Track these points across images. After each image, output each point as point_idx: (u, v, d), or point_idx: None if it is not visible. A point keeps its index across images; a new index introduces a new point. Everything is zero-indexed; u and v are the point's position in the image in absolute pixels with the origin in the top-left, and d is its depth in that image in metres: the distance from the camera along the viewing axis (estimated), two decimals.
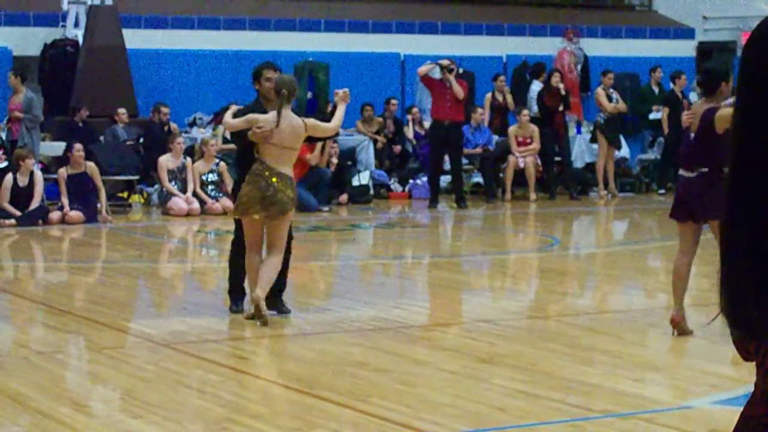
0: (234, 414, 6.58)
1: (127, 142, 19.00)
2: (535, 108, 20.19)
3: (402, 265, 13.21)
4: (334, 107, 9.82)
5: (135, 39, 20.38)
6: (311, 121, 9.56)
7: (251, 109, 9.52)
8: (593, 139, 20.36)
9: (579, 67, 22.58)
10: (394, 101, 21.11)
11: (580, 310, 10.45)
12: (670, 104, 19.95)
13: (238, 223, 9.39)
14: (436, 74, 18.30)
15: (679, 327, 8.40)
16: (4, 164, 16.99)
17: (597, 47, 23.01)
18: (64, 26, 20.79)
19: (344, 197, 18.95)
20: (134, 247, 14.72)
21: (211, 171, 17.73)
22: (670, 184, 19.33)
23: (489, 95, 20.87)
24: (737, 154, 1.88)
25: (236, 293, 9.59)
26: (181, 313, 9.98)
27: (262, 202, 9.00)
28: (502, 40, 23.67)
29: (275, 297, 9.38)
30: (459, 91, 18.02)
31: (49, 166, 18.24)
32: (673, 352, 8.36)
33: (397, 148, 20.76)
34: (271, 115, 9.15)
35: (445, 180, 20.00)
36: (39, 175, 16.45)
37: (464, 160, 19.43)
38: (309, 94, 21.58)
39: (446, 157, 19.90)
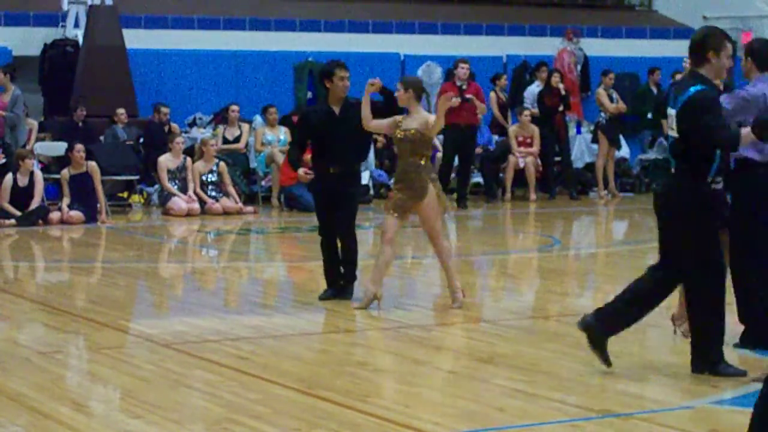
0: (234, 414, 6.58)
1: (127, 142, 19.01)
2: (530, 106, 20.20)
3: (402, 265, 13.20)
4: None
5: (135, 39, 20.38)
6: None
7: (321, 109, 10.16)
8: (594, 139, 20.36)
9: (579, 67, 22.58)
10: None
11: (580, 310, 10.40)
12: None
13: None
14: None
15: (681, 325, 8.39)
16: (2, 161, 16.99)
17: (597, 47, 22.99)
18: (64, 26, 20.79)
19: None
20: (134, 247, 14.72)
21: (211, 171, 17.74)
22: None
23: (493, 95, 20.86)
24: None
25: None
26: (181, 313, 9.98)
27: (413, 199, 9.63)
28: (501, 40, 23.67)
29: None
30: (483, 107, 18.88)
31: (50, 166, 18.24)
32: (673, 352, 8.35)
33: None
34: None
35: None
36: (39, 175, 16.45)
37: None
38: (309, 94, 21.59)
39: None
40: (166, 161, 17.46)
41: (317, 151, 10.40)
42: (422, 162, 9.68)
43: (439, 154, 20.44)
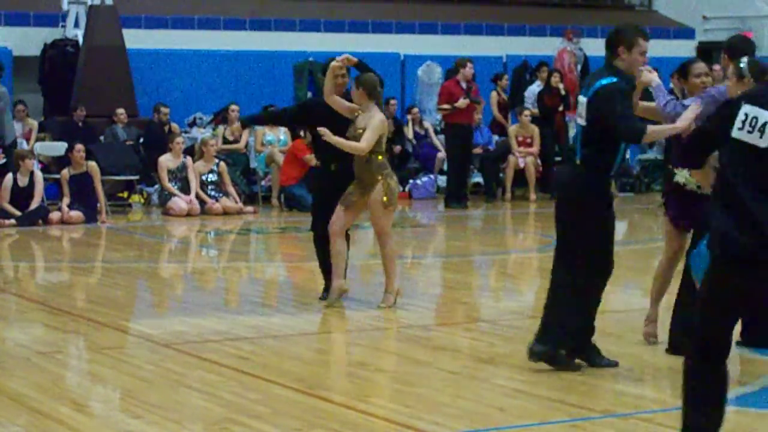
0: (234, 414, 6.58)
1: (127, 142, 19.01)
2: (530, 106, 20.22)
3: (402, 265, 13.20)
4: None
5: (135, 39, 20.38)
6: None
7: (321, 103, 10.19)
8: None
9: (579, 67, 22.57)
10: (393, 101, 21.09)
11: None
12: None
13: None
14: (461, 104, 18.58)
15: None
16: (2, 161, 16.99)
17: (597, 47, 22.92)
18: (64, 26, 20.79)
19: None
20: (134, 247, 14.72)
21: (211, 171, 17.74)
22: None
23: (494, 94, 20.85)
24: None
25: None
26: (181, 313, 9.98)
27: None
28: (501, 40, 23.67)
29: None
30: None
31: (50, 166, 18.24)
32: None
33: (397, 148, 20.75)
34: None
35: (441, 180, 20.04)
36: (39, 175, 16.45)
37: None
38: (309, 94, 21.60)
39: (445, 158, 19.97)
40: (166, 161, 17.46)
41: (318, 148, 10.39)
42: (377, 159, 9.70)
43: (440, 155, 20.47)
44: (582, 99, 7.51)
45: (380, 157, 9.78)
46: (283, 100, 20.77)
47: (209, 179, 17.70)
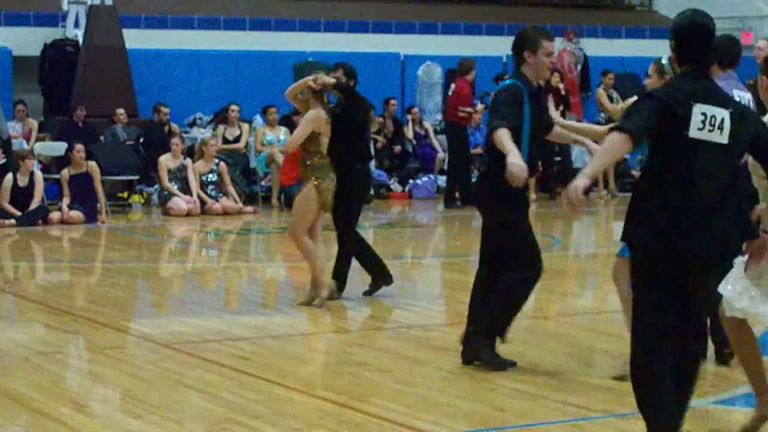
0: (234, 414, 6.58)
1: (127, 142, 19.01)
2: None
3: (402, 265, 13.20)
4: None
5: (135, 39, 20.38)
6: None
7: None
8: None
9: (579, 67, 22.58)
10: (393, 101, 21.11)
11: (580, 310, 10.45)
12: None
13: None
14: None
15: None
16: (2, 161, 16.99)
17: (597, 47, 23.01)
18: (64, 26, 20.80)
19: None
20: (134, 247, 14.72)
21: (211, 171, 17.73)
22: None
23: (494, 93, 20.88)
24: None
25: None
26: (181, 313, 9.98)
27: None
28: (501, 40, 23.63)
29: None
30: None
31: (50, 166, 18.24)
32: None
33: (397, 148, 20.77)
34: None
35: (441, 180, 20.06)
36: (39, 176, 16.45)
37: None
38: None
39: (446, 158, 19.98)
40: (166, 161, 17.46)
41: (340, 148, 10.32)
42: (314, 160, 9.74)
43: (441, 155, 20.49)
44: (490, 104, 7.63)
45: (316, 159, 9.77)
46: (283, 100, 20.74)
47: (209, 179, 17.70)
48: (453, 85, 18.76)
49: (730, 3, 23.75)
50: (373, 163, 20.14)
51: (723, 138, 5.23)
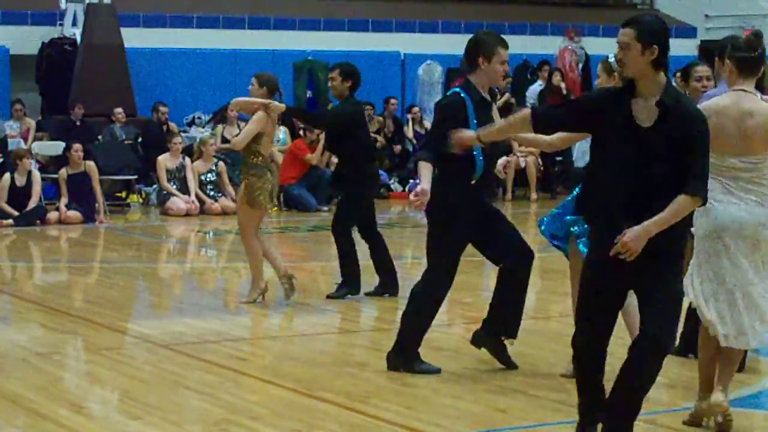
0: (233, 415, 6.56)
1: (126, 142, 18.98)
2: (530, 105, 20.24)
3: (402, 265, 13.16)
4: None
5: (133, 38, 20.36)
6: None
7: None
8: None
9: (580, 66, 22.56)
10: (393, 100, 21.09)
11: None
12: None
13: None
14: None
15: None
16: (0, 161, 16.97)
17: (598, 46, 22.98)
18: (62, 25, 20.77)
19: None
20: (132, 247, 14.69)
21: (210, 171, 17.70)
22: None
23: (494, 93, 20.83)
24: None
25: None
26: (179, 313, 9.96)
27: (270, 195, 9.91)
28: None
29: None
30: None
31: (47, 165, 18.21)
32: (672, 351, 8.30)
33: (397, 148, 20.74)
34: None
35: None
36: (37, 175, 16.42)
37: None
38: (309, 93, 21.58)
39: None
40: (165, 161, 17.43)
41: (348, 149, 10.41)
42: (251, 159, 9.94)
43: None
44: None
45: (253, 159, 9.95)
46: (283, 99, 20.72)
47: (208, 179, 17.67)
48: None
49: (732, 2, 23.74)
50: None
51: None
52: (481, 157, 7.35)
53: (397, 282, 10.42)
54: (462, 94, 7.37)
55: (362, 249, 10.57)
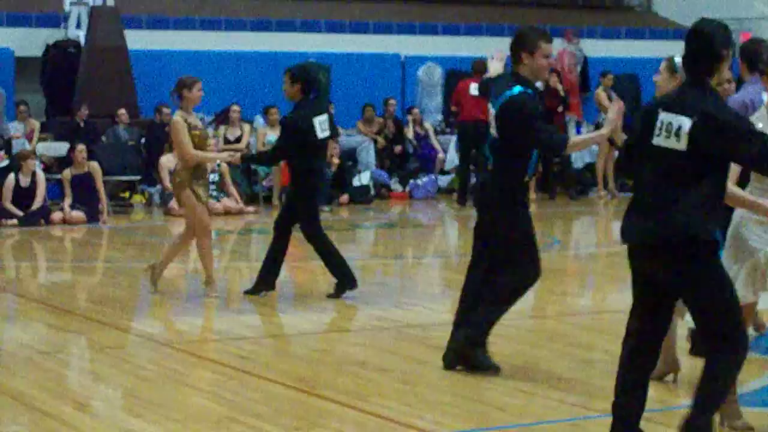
0: (235, 413, 6.60)
1: (129, 143, 19.04)
2: None
3: (402, 265, 13.23)
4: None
5: (136, 40, 20.40)
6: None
7: None
8: None
9: (578, 68, 22.59)
10: (392, 101, 21.14)
11: (580, 310, 10.48)
12: None
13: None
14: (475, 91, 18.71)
15: None
16: (5, 163, 17.02)
17: (596, 48, 23.02)
18: (65, 27, 20.82)
19: (345, 197, 18.99)
20: (136, 247, 14.74)
21: (213, 171, 17.76)
22: None
23: None
24: None
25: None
26: (182, 312, 10.01)
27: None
28: (502, 40, 23.59)
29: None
30: None
31: (51, 166, 18.27)
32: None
33: (398, 149, 20.79)
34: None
35: (442, 180, 20.09)
36: (41, 176, 16.48)
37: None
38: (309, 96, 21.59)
39: (447, 157, 19.99)
40: (168, 161, 17.48)
41: (307, 151, 10.61)
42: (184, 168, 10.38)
43: (441, 155, 20.52)
44: (492, 110, 7.44)
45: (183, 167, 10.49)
46: (284, 100, 20.77)
47: (210, 179, 17.72)
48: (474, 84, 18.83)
49: (729, 4, 23.75)
50: (373, 163, 20.20)
51: (681, 145, 5.36)
52: (536, 158, 7.45)
53: (274, 283, 10.51)
54: (524, 91, 7.32)
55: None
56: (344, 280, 10.32)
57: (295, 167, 10.53)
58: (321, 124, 10.40)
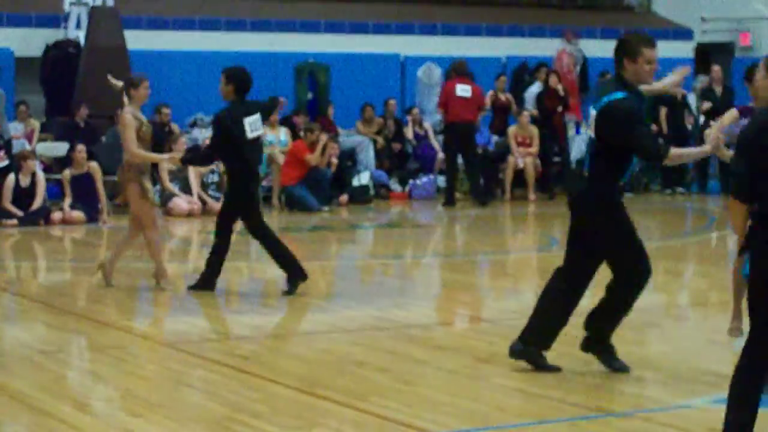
0: (235, 413, 6.60)
1: None
2: (529, 107, 20.31)
3: (402, 265, 13.24)
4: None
5: (136, 40, 20.41)
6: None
7: None
8: None
9: (578, 68, 22.60)
10: (392, 101, 21.15)
11: (579, 309, 10.46)
12: (668, 104, 20.10)
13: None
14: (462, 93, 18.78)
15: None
16: (5, 163, 17.04)
17: (596, 48, 23.02)
18: (65, 27, 20.82)
19: (344, 197, 19.00)
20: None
21: (212, 171, 17.76)
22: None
23: (492, 93, 20.88)
24: None
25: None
26: (182, 312, 10.01)
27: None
28: (501, 41, 23.70)
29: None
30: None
31: (51, 166, 18.27)
32: (672, 351, 8.38)
33: (397, 148, 20.81)
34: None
35: (441, 180, 20.09)
36: (41, 176, 16.50)
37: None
38: (309, 95, 21.63)
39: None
40: None
41: (246, 152, 10.77)
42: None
43: (440, 155, 20.52)
44: (592, 112, 7.41)
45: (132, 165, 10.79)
46: (287, 100, 20.80)
47: (210, 180, 17.73)
48: (460, 86, 18.83)
49: (728, 4, 23.77)
50: (373, 164, 20.21)
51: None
52: (635, 163, 7.46)
53: (215, 282, 10.75)
54: (628, 96, 7.27)
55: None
56: (293, 272, 10.46)
57: (228, 166, 10.83)
58: (251, 124, 10.52)
